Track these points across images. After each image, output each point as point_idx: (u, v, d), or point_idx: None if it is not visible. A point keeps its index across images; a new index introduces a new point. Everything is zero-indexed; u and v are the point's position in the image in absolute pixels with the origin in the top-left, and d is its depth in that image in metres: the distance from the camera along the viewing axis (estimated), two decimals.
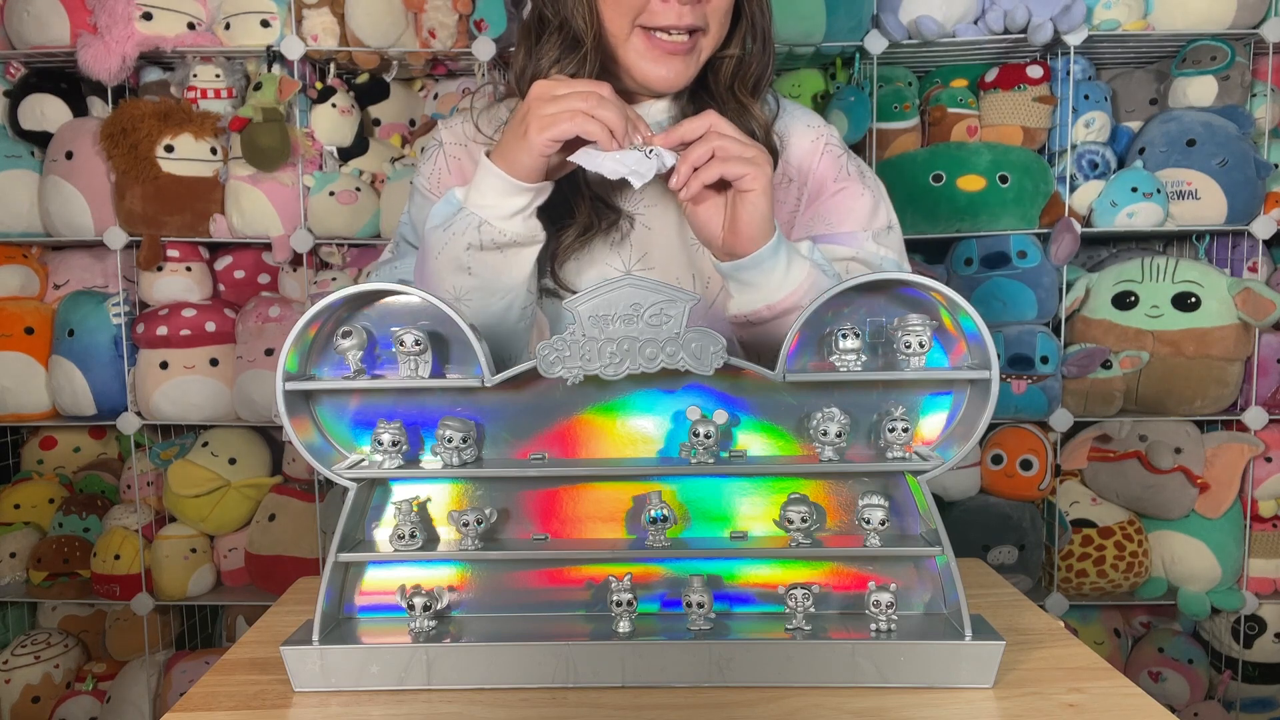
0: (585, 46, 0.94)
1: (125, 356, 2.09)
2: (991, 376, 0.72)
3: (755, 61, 1.01)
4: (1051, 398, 1.98)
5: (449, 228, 0.90)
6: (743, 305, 0.92)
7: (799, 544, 0.76)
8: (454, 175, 1.06)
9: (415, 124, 2.24)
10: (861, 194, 1.04)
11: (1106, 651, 2.12)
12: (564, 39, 0.95)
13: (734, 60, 1.00)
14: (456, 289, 0.91)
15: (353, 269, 2.14)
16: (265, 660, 0.79)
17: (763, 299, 0.90)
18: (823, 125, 1.08)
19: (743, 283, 0.90)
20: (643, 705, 0.71)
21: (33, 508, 2.23)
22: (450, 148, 1.07)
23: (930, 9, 1.94)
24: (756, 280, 0.89)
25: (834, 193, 1.04)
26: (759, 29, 1.01)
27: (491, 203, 0.88)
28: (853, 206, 1.03)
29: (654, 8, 0.92)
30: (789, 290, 0.89)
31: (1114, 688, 0.72)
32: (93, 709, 2.10)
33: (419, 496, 0.80)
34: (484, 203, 0.89)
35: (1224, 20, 1.97)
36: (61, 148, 2.05)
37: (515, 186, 0.87)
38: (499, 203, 0.88)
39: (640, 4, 0.92)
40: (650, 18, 0.93)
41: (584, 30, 0.93)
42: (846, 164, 1.06)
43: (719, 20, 0.96)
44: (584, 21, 0.93)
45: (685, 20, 0.92)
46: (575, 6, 0.93)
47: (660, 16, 0.92)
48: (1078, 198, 2.01)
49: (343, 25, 2.01)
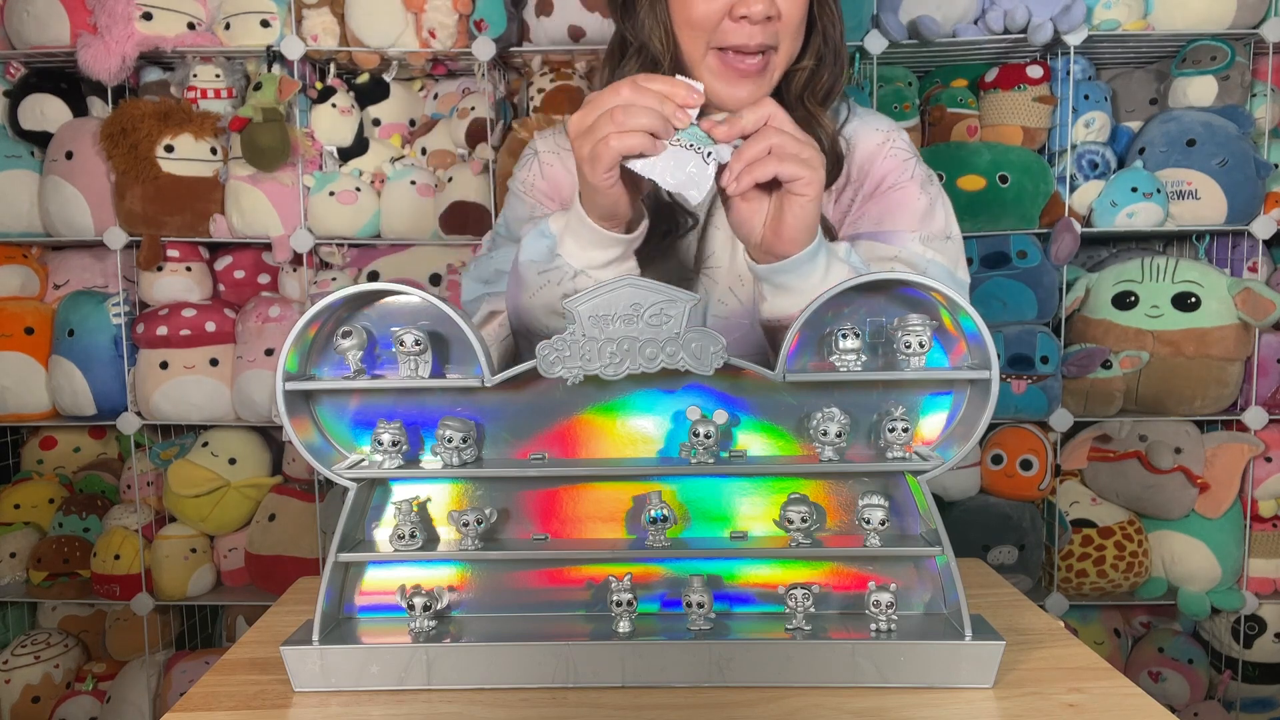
0: (663, 68, 0.97)
1: (125, 356, 2.09)
2: (991, 376, 0.72)
3: (827, 72, 1.01)
4: (1051, 398, 1.98)
5: (544, 272, 0.90)
6: (776, 309, 0.89)
7: (799, 544, 0.76)
8: (546, 181, 1.09)
9: (415, 124, 2.24)
10: (918, 197, 1.03)
11: (1106, 651, 2.12)
12: (643, 61, 0.99)
13: (806, 72, 1.00)
14: (550, 329, 0.91)
15: (353, 269, 2.14)
16: (265, 660, 0.79)
17: (797, 304, 0.86)
18: (893, 129, 1.08)
19: (779, 286, 0.87)
20: (643, 705, 0.71)
21: (33, 508, 2.23)
22: (545, 155, 1.10)
23: (930, 9, 1.94)
24: (793, 284, 0.86)
25: (889, 189, 1.03)
26: (830, 41, 1.01)
27: (586, 254, 0.88)
28: (906, 206, 1.02)
29: (726, 28, 0.93)
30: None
31: (1114, 688, 0.72)
32: (93, 709, 2.10)
33: (419, 496, 0.79)
34: (578, 253, 0.88)
35: (1224, 20, 1.97)
36: (61, 148, 2.05)
37: (606, 239, 0.86)
38: (593, 254, 0.88)
39: (713, 25, 0.94)
40: (723, 38, 0.94)
41: (661, 52, 0.97)
42: (914, 167, 1.05)
43: (790, 37, 0.96)
44: (661, 44, 0.97)
45: (756, 40, 0.93)
46: (652, 30, 0.97)
47: (732, 36, 0.93)
48: (1078, 198, 2.01)
49: (343, 25, 2.01)
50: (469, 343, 0.74)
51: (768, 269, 0.86)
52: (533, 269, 0.91)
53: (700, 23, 0.94)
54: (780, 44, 0.96)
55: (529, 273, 0.92)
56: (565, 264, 0.88)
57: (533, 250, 0.91)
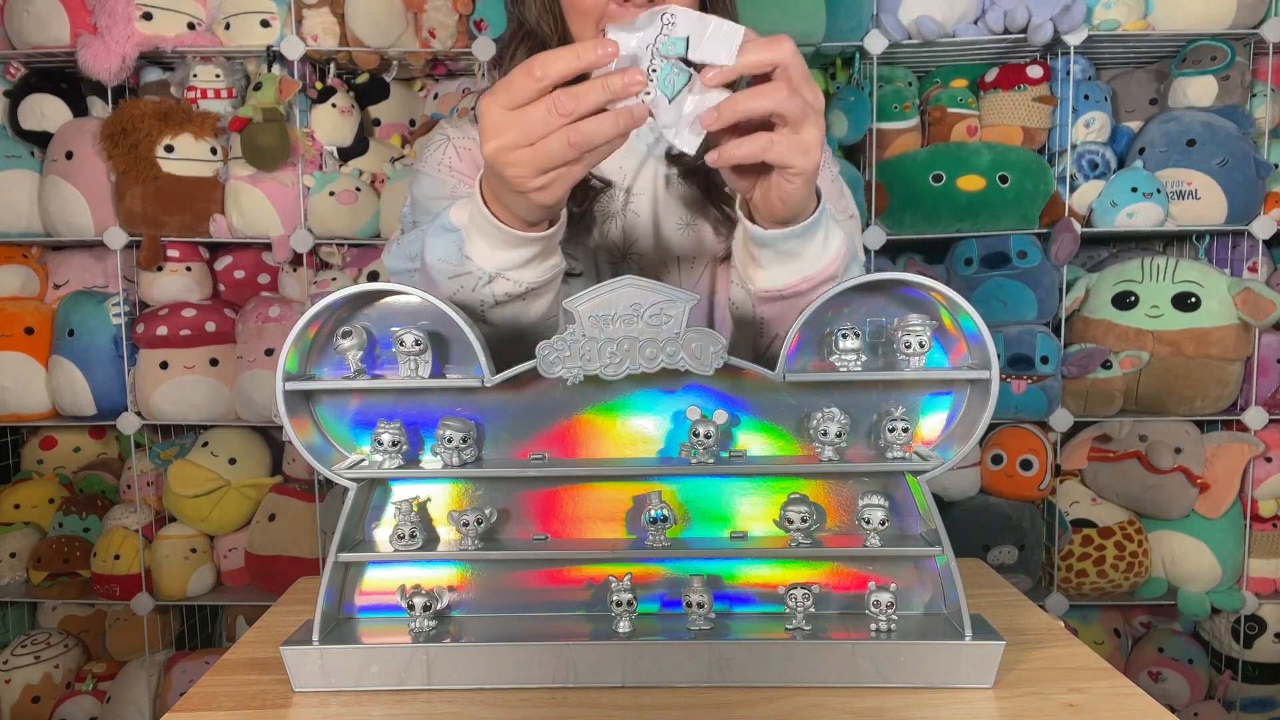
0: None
1: (125, 356, 2.09)
2: (991, 376, 0.72)
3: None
4: (1051, 398, 1.98)
5: (456, 277, 0.81)
6: (775, 279, 0.82)
7: (799, 544, 0.76)
8: (464, 162, 1.03)
9: (415, 124, 2.24)
10: (825, 170, 1.02)
11: (1106, 651, 2.12)
12: (532, 45, 0.98)
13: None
14: (483, 334, 0.84)
15: (353, 269, 2.14)
16: (265, 660, 0.79)
17: (799, 270, 0.81)
18: None
19: (784, 253, 0.80)
20: (643, 705, 0.71)
21: (33, 508, 2.23)
22: (459, 140, 1.06)
23: (930, 9, 1.94)
24: (799, 249, 0.80)
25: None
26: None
27: (498, 255, 0.79)
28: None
29: (612, 11, 0.93)
30: (827, 261, 0.82)
31: (1114, 688, 0.72)
32: (93, 709, 2.10)
33: (419, 496, 0.79)
34: (490, 255, 0.79)
35: (1224, 20, 1.97)
36: (61, 148, 2.05)
37: (518, 238, 0.77)
38: (506, 255, 0.79)
39: (599, 7, 0.93)
40: (610, 21, 0.93)
41: (549, 36, 0.97)
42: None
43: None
44: (549, 28, 0.97)
45: None
46: (541, 15, 0.97)
47: (619, 18, 0.93)
48: (1078, 198, 2.01)
49: (343, 25, 2.01)
50: (469, 343, 0.74)
51: (775, 235, 0.78)
52: (442, 271, 0.82)
53: (586, 7, 0.93)
54: None
55: (438, 275, 0.82)
56: (477, 268, 0.79)
57: (439, 249, 0.82)
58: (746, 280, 0.85)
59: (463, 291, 0.82)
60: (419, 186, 1.04)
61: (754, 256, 0.82)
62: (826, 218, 0.80)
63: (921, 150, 2.05)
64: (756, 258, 0.82)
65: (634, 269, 1.03)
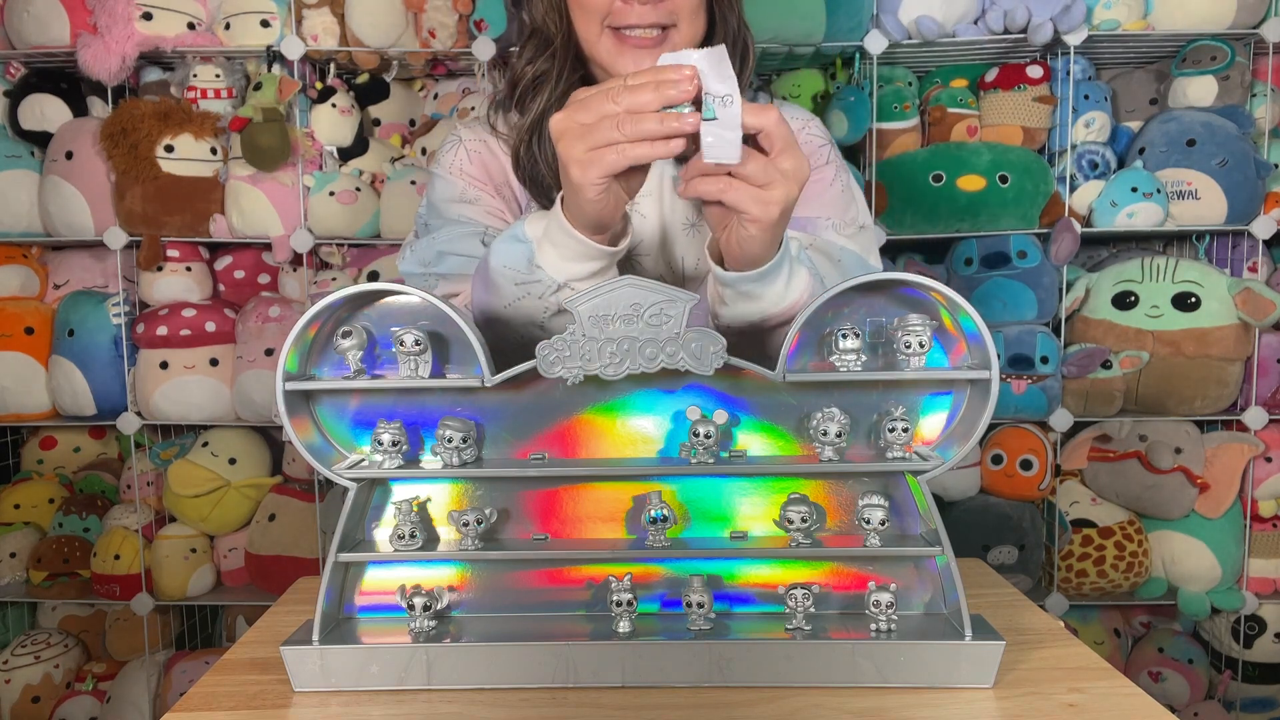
0: (555, 47, 0.99)
1: (125, 356, 2.09)
2: (991, 376, 0.72)
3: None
4: (1051, 398, 1.98)
5: (523, 284, 0.84)
6: (736, 315, 0.85)
7: (799, 544, 0.76)
8: (475, 166, 1.07)
9: (415, 124, 2.24)
10: (832, 182, 1.03)
11: (1106, 651, 2.12)
12: (539, 42, 1.01)
13: None
14: (526, 338, 0.87)
15: (353, 269, 2.14)
16: (265, 660, 0.79)
17: (759, 310, 0.84)
18: (809, 118, 1.09)
19: (743, 293, 0.83)
20: (643, 705, 0.71)
21: (33, 508, 2.23)
22: (470, 142, 1.08)
23: (930, 9, 1.94)
24: (758, 291, 0.82)
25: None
26: (729, 28, 1.01)
27: (568, 267, 0.82)
28: (821, 194, 1.02)
29: (618, 9, 0.95)
30: (789, 304, 0.83)
31: (1114, 688, 0.72)
32: (93, 709, 2.10)
33: (419, 496, 0.79)
34: (560, 265, 0.82)
35: (1224, 20, 1.97)
36: (61, 148, 2.05)
37: (592, 250, 0.80)
38: (576, 267, 0.82)
39: (605, 6, 0.95)
40: (616, 18, 0.96)
41: (554, 33, 0.99)
42: (829, 154, 1.06)
43: (688, 17, 0.97)
44: (554, 26, 0.99)
45: (649, 19, 0.95)
46: (547, 12, 0.99)
47: (624, 16, 0.95)
48: (1078, 198, 2.01)
49: (343, 25, 2.01)
50: (469, 343, 0.74)
51: (735, 277, 0.81)
52: (508, 277, 0.85)
53: (592, 5, 0.95)
54: (679, 23, 0.96)
55: (503, 281, 0.85)
56: (547, 277, 0.83)
57: (507, 255, 0.85)
58: (713, 314, 0.88)
59: (529, 298, 0.85)
60: (433, 189, 1.08)
61: (719, 293, 0.85)
62: (789, 262, 0.82)
63: (921, 150, 2.05)
64: (720, 294, 0.85)
65: (639, 269, 1.04)
